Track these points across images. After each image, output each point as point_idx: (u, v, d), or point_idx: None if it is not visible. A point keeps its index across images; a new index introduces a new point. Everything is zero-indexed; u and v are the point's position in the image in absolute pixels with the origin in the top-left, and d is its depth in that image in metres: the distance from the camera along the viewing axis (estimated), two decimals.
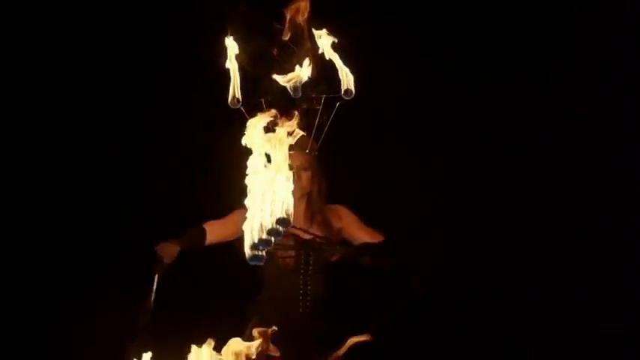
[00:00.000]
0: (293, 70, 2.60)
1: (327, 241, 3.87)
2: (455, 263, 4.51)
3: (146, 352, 2.80)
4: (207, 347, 2.77)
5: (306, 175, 3.84)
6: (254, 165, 2.50)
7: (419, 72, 4.48)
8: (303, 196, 3.86)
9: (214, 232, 3.89)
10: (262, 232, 2.38)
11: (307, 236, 3.85)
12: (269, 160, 2.48)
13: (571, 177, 4.50)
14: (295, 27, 2.71)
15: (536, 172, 4.55)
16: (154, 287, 3.66)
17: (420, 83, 4.50)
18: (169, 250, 3.78)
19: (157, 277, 3.70)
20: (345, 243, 3.95)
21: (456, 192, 4.56)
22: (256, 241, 2.39)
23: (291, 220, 2.38)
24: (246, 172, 2.50)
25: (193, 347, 2.75)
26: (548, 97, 4.54)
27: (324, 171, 3.92)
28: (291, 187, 2.43)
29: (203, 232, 3.87)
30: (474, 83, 4.55)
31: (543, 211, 4.56)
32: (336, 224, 3.93)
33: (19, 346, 4.47)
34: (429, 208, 4.49)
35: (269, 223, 2.37)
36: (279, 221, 2.37)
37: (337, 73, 2.62)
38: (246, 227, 2.43)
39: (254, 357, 2.80)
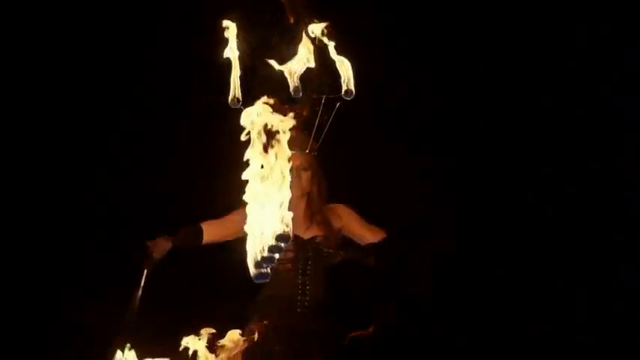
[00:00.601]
0: (293, 57, 2.59)
1: (329, 246, 3.84)
2: (456, 262, 4.50)
3: (130, 345, 2.81)
4: (204, 335, 2.79)
5: (306, 175, 3.82)
6: (252, 152, 2.49)
7: (418, 70, 4.48)
8: (303, 196, 3.84)
9: (212, 231, 3.87)
10: (264, 250, 2.37)
11: (307, 236, 3.85)
12: (268, 140, 2.47)
13: (573, 175, 4.50)
14: (293, 13, 2.70)
15: (536, 172, 4.54)
16: (142, 282, 3.65)
17: (419, 82, 4.49)
18: (160, 246, 3.76)
19: (145, 271, 3.69)
20: (346, 243, 3.93)
21: (457, 191, 4.55)
22: (259, 260, 2.38)
23: (291, 235, 2.38)
24: (245, 158, 2.49)
25: (188, 338, 2.78)
26: (548, 95, 4.54)
27: (324, 171, 3.90)
28: (288, 198, 2.42)
29: (199, 232, 3.86)
30: (474, 82, 4.55)
31: (544, 210, 4.55)
32: (337, 224, 3.91)
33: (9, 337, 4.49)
34: (429, 207, 4.49)
35: (270, 240, 2.37)
36: (279, 237, 2.36)
37: (337, 74, 2.61)
38: (248, 246, 2.42)
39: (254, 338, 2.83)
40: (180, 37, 4.42)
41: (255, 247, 2.39)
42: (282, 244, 2.36)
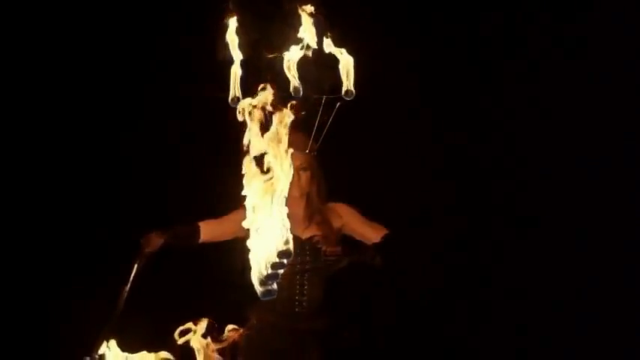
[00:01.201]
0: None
1: (329, 245, 3.82)
2: (454, 261, 4.51)
3: (114, 337, 2.82)
4: (201, 324, 2.81)
5: (305, 175, 3.81)
6: (249, 135, 2.48)
7: (417, 70, 4.47)
8: (302, 196, 3.84)
9: (210, 230, 3.86)
10: (267, 267, 2.37)
11: (306, 236, 3.84)
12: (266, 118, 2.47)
13: (573, 174, 4.50)
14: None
15: (536, 172, 4.54)
16: (132, 275, 3.64)
17: (419, 80, 4.49)
18: (152, 240, 3.76)
19: (136, 265, 3.68)
20: (351, 247, 3.89)
21: (456, 191, 4.55)
22: (264, 278, 2.39)
23: (292, 250, 2.37)
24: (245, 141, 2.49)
25: (184, 326, 2.80)
26: (546, 92, 4.53)
27: (323, 171, 3.89)
28: (286, 211, 2.42)
29: (195, 230, 3.84)
30: (474, 80, 4.54)
31: (543, 210, 4.56)
32: (336, 223, 3.90)
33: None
34: (429, 206, 4.49)
35: (272, 257, 2.37)
36: (281, 254, 2.37)
37: (338, 74, 2.60)
38: (252, 264, 2.43)
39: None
40: (179, 32, 4.42)
41: (259, 265, 2.39)
42: (285, 260, 2.36)
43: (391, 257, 3.81)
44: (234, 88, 2.61)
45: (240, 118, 2.53)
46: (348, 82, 2.60)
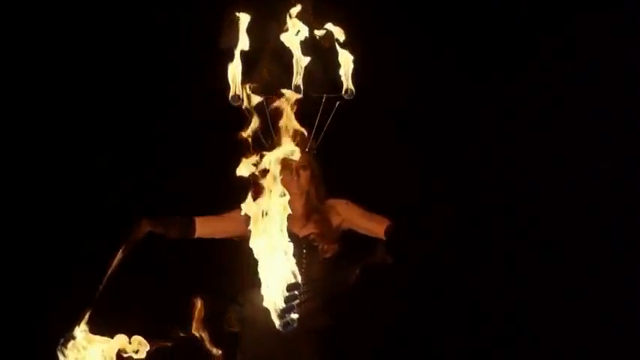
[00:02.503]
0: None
1: (326, 243, 3.82)
2: (453, 262, 4.51)
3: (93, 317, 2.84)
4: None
5: (305, 174, 3.80)
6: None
7: (418, 69, 4.47)
8: (302, 194, 3.83)
9: (206, 226, 3.83)
10: (280, 302, 2.41)
11: (303, 234, 3.83)
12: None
13: (570, 172, 4.50)
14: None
15: (535, 172, 4.54)
16: (116, 258, 3.63)
17: (419, 80, 4.48)
18: (140, 227, 3.73)
19: (122, 249, 3.67)
20: (359, 257, 3.88)
21: (457, 191, 4.55)
22: (280, 312, 2.41)
23: (300, 282, 2.40)
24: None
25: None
26: (545, 91, 4.53)
27: (322, 170, 3.88)
28: (290, 247, 2.44)
29: (190, 224, 3.81)
30: (474, 80, 4.54)
31: (543, 207, 4.56)
32: (335, 220, 3.88)
33: None
34: (429, 206, 4.49)
35: (283, 291, 2.40)
36: (290, 287, 2.39)
37: (337, 73, 2.60)
38: (266, 300, 2.46)
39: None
40: (181, 31, 4.42)
41: (273, 301, 2.43)
42: (296, 292, 2.39)
43: (400, 253, 3.80)
44: (235, 87, 2.61)
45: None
46: (347, 81, 2.60)
